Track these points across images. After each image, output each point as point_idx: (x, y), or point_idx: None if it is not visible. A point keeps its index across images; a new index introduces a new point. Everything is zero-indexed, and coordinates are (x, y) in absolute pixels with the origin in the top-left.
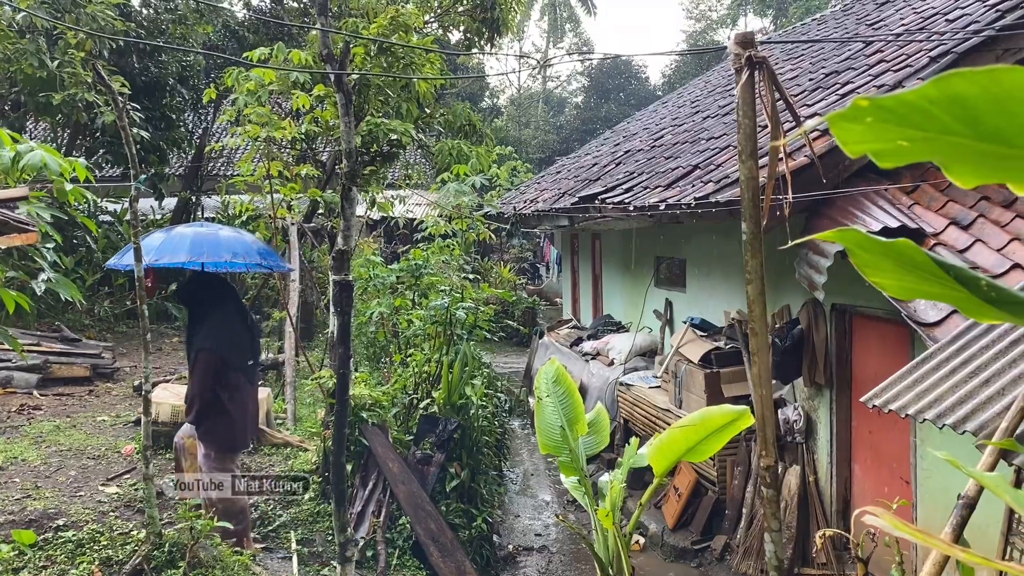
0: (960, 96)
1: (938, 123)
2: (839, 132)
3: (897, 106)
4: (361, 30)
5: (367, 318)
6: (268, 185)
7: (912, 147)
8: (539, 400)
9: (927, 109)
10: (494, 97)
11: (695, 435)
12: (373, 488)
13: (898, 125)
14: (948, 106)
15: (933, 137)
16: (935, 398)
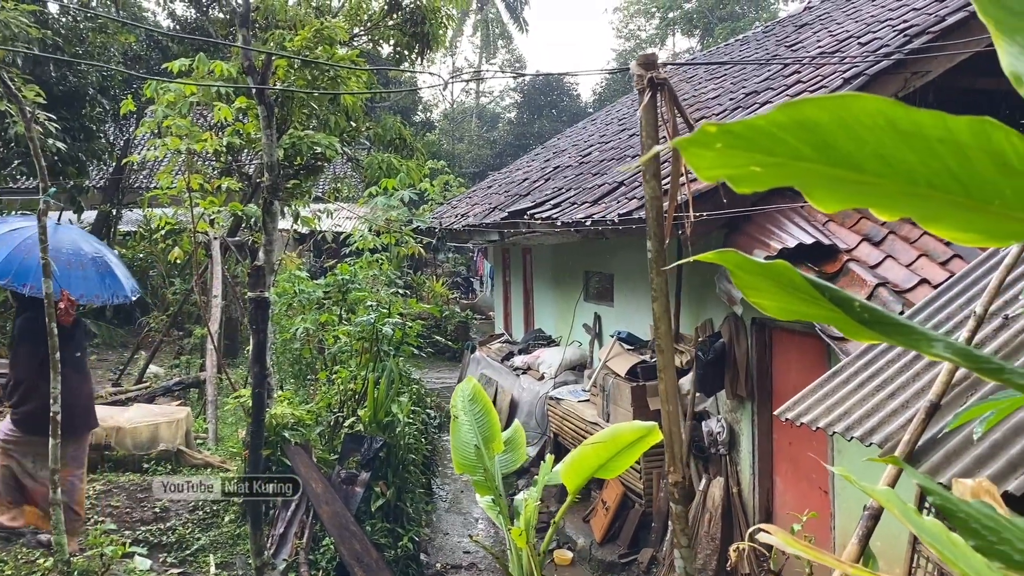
0: (810, 122)
1: (789, 149)
2: (690, 158)
3: (747, 132)
4: (286, 42)
5: (291, 335)
6: (189, 199)
7: (765, 172)
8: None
9: (777, 135)
10: (427, 111)
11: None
12: (296, 509)
13: (748, 151)
14: (798, 132)
15: (784, 163)
16: (844, 411)
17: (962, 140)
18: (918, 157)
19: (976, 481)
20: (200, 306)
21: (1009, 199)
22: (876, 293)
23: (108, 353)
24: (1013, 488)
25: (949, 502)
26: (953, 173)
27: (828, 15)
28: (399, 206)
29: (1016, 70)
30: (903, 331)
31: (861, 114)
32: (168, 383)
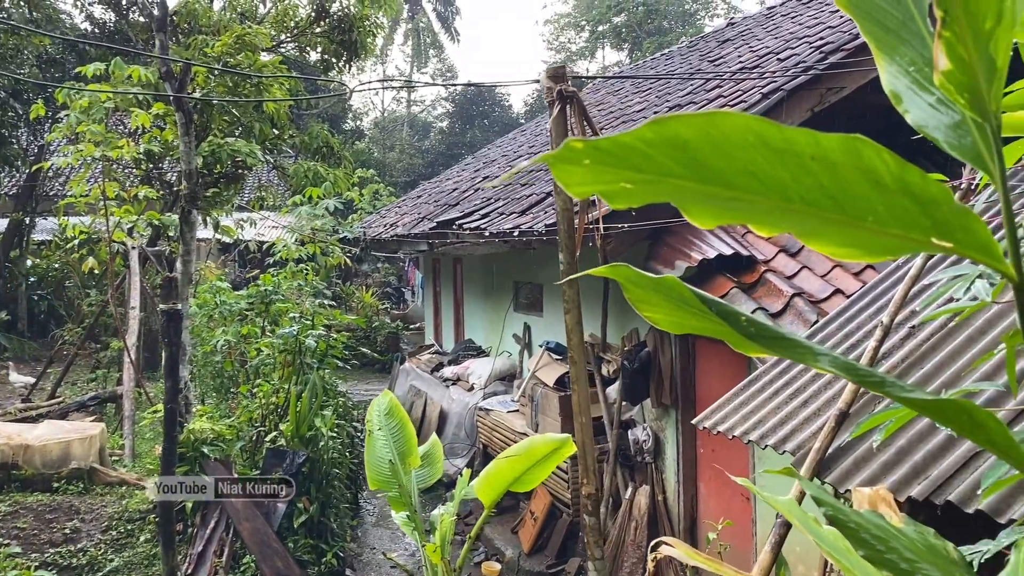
0: (679, 139)
1: (659, 166)
2: (559, 174)
3: (614, 148)
4: (207, 49)
5: (212, 347)
6: (104, 207)
7: (637, 189)
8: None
9: (646, 152)
10: (357, 119)
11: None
12: (215, 526)
13: (617, 168)
14: (667, 149)
15: (655, 180)
16: (759, 420)
17: (834, 158)
18: (790, 174)
19: (873, 489)
20: (116, 318)
21: (882, 215)
22: (792, 303)
23: (20, 367)
24: (916, 494)
25: (840, 513)
26: (826, 190)
27: (750, 31)
28: (324, 215)
29: (895, 88)
30: (788, 345)
31: (730, 131)
32: (83, 398)
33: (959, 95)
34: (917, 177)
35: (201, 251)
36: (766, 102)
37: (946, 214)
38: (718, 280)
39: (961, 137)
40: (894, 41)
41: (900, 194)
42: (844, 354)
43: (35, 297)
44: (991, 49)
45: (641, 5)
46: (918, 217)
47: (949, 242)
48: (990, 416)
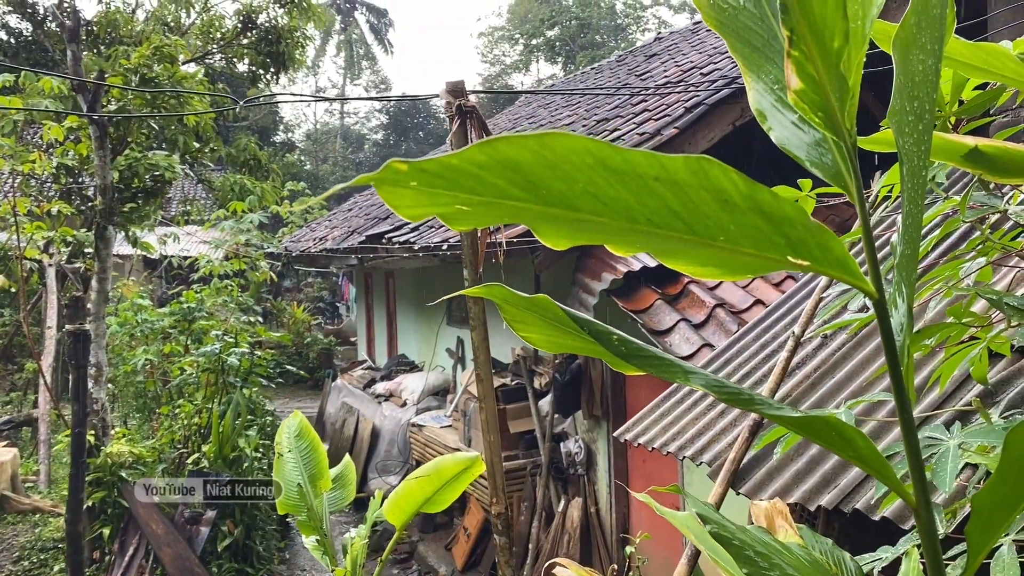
0: (512, 161)
1: (493, 188)
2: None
3: (443, 171)
4: (121, 60)
5: (133, 367)
6: (14, 223)
7: (475, 211)
8: (279, 456)
9: (477, 174)
10: (289, 131)
11: (431, 486)
12: (134, 553)
13: (449, 190)
14: (500, 171)
15: (493, 202)
16: (678, 430)
17: (680, 178)
18: (634, 196)
19: (770, 502)
20: (30, 339)
21: (734, 235)
22: (714, 313)
23: None
24: (826, 503)
25: (725, 530)
26: (673, 211)
27: (675, 46)
28: (250, 230)
29: (760, 106)
30: (659, 364)
31: (567, 153)
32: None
33: (813, 114)
34: (768, 196)
35: (125, 267)
36: (689, 116)
37: (801, 232)
38: (643, 292)
39: (822, 155)
40: (760, 59)
41: (751, 213)
42: (759, 365)
43: None
44: (842, 67)
45: (574, 19)
46: (772, 236)
47: (806, 260)
48: (857, 432)
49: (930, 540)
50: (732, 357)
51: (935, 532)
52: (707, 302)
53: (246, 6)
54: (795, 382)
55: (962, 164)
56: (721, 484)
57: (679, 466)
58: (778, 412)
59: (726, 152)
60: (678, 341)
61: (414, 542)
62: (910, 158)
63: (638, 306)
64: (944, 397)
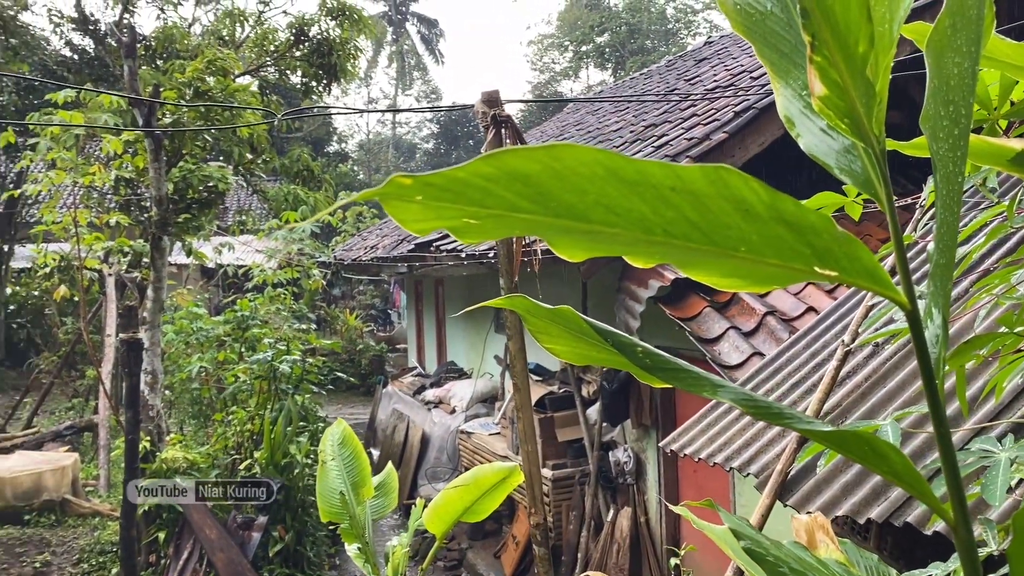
0: (520, 173)
1: (502, 201)
2: (392, 210)
3: (449, 184)
4: (176, 74)
5: (188, 374)
6: (76, 234)
7: (484, 224)
8: (322, 464)
9: (485, 187)
10: (342, 142)
11: (470, 495)
12: (188, 557)
13: (456, 203)
14: (509, 183)
15: (502, 215)
16: (725, 441)
17: (698, 189)
18: (649, 207)
19: (811, 516)
20: (89, 347)
21: (757, 245)
22: (765, 321)
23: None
24: (875, 515)
25: (759, 546)
26: (691, 221)
27: (726, 50)
28: (303, 239)
29: (788, 113)
30: (686, 377)
31: (576, 164)
32: (59, 427)
33: (839, 120)
34: (791, 205)
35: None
36: (739, 120)
37: (827, 242)
38: (692, 299)
39: (851, 162)
40: (788, 65)
41: (774, 223)
42: (809, 375)
43: (14, 325)
44: (868, 72)
45: (624, 25)
46: (796, 245)
47: (833, 270)
48: (891, 447)
49: (969, 559)
50: (782, 366)
51: (974, 550)
52: (757, 309)
53: (298, 19)
54: (845, 392)
55: (1008, 168)
56: (768, 496)
57: (729, 477)
58: (808, 426)
59: (778, 156)
60: (727, 349)
61: (463, 549)
62: (944, 164)
63: (686, 313)
64: (1000, 408)
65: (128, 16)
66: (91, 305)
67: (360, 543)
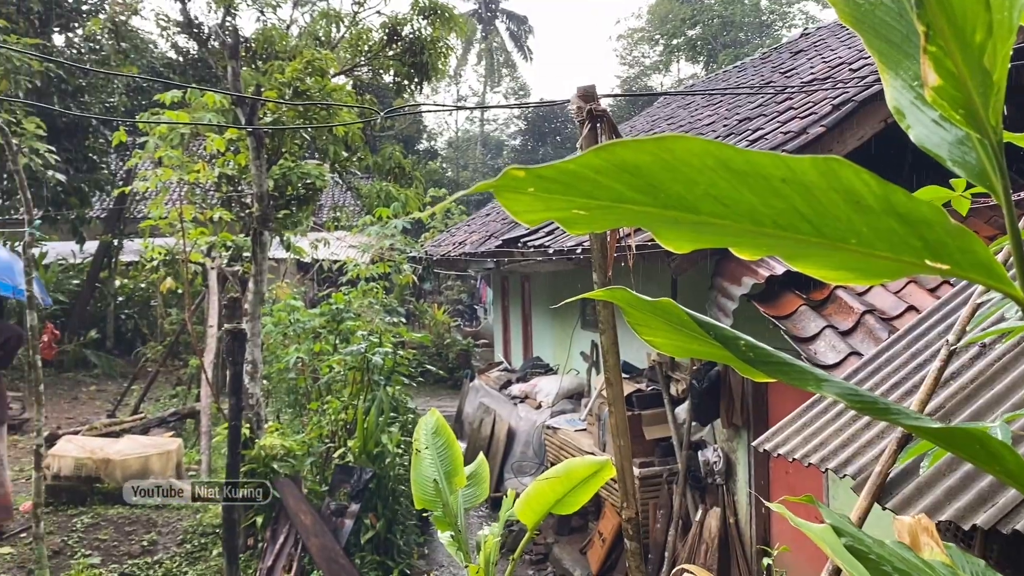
0: (630, 164)
1: (611, 192)
2: (505, 202)
3: (560, 175)
4: (276, 74)
5: (285, 364)
6: (181, 229)
7: (593, 215)
8: (416, 452)
9: (594, 179)
10: (432, 139)
11: (561, 487)
12: (284, 542)
13: (566, 195)
14: (619, 175)
15: (610, 206)
16: (820, 442)
17: (808, 180)
18: (758, 198)
19: (915, 518)
20: (193, 337)
21: (867, 237)
22: (863, 320)
23: (107, 384)
24: (981, 522)
25: (861, 544)
26: (801, 213)
27: (823, 41)
28: (394, 235)
29: (898, 104)
30: (790, 370)
31: (687, 155)
32: (164, 414)
33: (953, 111)
34: (903, 197)
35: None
36: (837, 113)
37: (940, 235)
38: (787, 297)
39: (965, 154)
40: (898, 55)
41: (885, 215)
42: (910, 375)
43: (122, 316)
44: (985, 62)
45: (717, 17)
46: (908, 238)
47: (945, 264)
48: (1005, 447)
49: None
50: (881, 366)
51: None
52: (855, 308)
53: (391, 19)
54: (948, 394)
55: None
56: (866, 498)
57: (823, 479)
58: (916, 422)
59: (877, 150)
60: (823, 349)
61: (549, 544)
62: None
63: (781, 312)
64: None
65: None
66: (194, 297)
67: (453, 531)
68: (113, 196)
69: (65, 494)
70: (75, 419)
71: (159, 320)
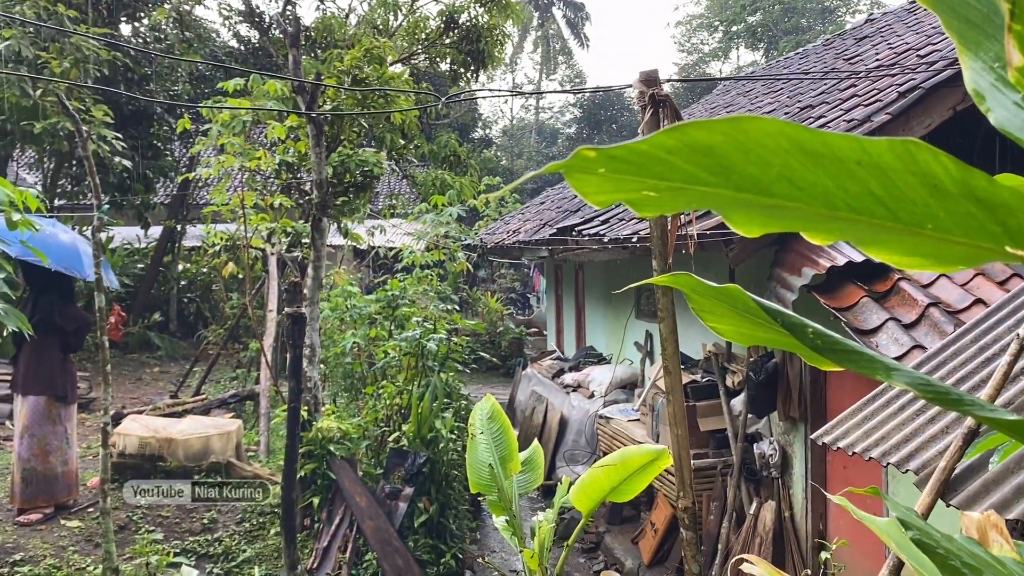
0: (703, 145)
1: (682, 173)
2: (575, 183)
3: (631, 156)
4: (335, 62)
5: (342, 349)
6: (243, 215)
7: (663, 197)
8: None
9: (666, 159)
10: (487, 128)
11: (617, 475)
12: (340, 523)
13: (637, 176)
14: (690, 156)
15: (681, 187)
16: (882, 436)
17: (884, 162)
18: (833, 181)
19: (983, 514)
20: (253, 320)
21: (944, 223)
22: (927, 313)
23: (170, 365)
24: None
25: (928, 537)
26: (876, 197)
27: (889, 27)
28: (449, 222)
29: (977, 87)
30: (859, 359)
31: (760, 137)
32: (224, 395)
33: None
34: (983, 181)
35: (337, 257)
36: (903, 101)
37: (1021, 220)
38: (848, 288)
39: None
40: (977, 36)
41: (964, 199)
42: (977, 370)
43: (185, 300)
44: None
45: (777, 3)
46: (987, 224)
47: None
48: None
49: None
50: (945, 360)
51: None
52: (919, 300)
53: (448, 7)
54: (1018, 389)
55: None
56: (929, 494)
57: (882, 475)
58: (991, 414)
59: (944, 140)
60: (885, 342)
61: (601, 533)
62: None
63: (842, 303)
64: None
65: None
66: (254, 282)
67: (508, 515)
68: (176, 183)
69: (130, 471)
70: (139, 399)
71: (220, 304)
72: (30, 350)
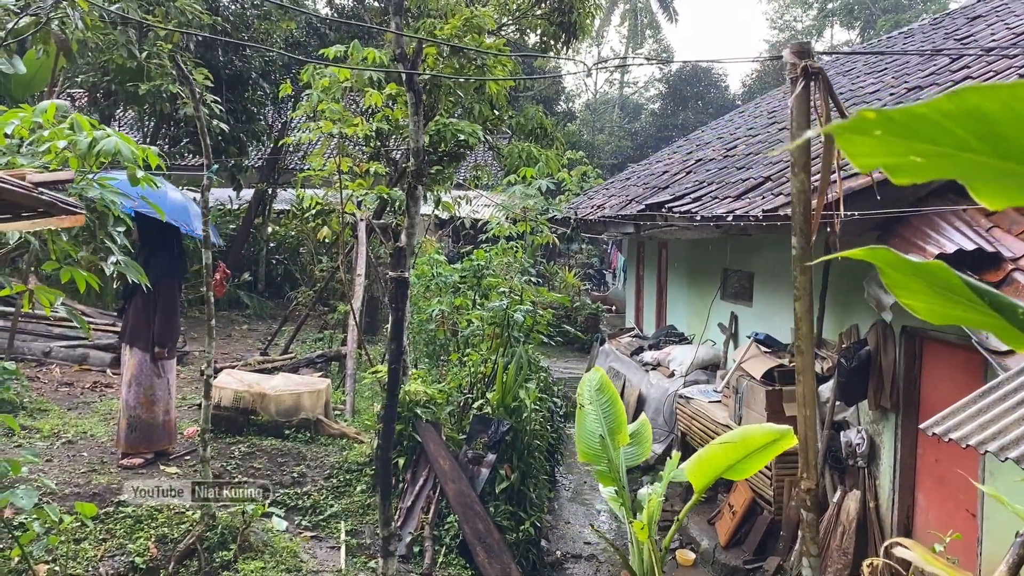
0: (979, 111)
1: (954, 139)
2: (846, 145)
3: (908, 119)
4: (436, 31)
5: (427, 316)
6: (339, 181)
7: (927, 163)
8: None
9: (941, 123)
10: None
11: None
12: (423, 484)
13: (909, 139)
14: (965, 121)
15: (949, 153)
16: (999, 429)
17: None
18: None
19: None
20: (344, 284)
21: None
22: None
23: (258, 324)
24: None
25: None
26: None
27: (1005, 6)
28: (536, 195)
29: None
30: None
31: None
32: (312, 355)
33: None
34: None
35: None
36: None
37: None
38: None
39: None
40: None
41: None
42: None
43: (273, 261)
44: None
45: None
46: None
47: None
48: None
49: None
50: None
51: None
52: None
53: None
54: None
55: None
56: None
57: (978, 469)
58: None
59: None
60: None
61: (675, 510)
62: None
63: None
64: None
65: None
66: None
67: (616, 486)
68: (269, 147)
69: (224, 423)
70: (229, 355)
71: (308, 267)
72: (141, 303)
